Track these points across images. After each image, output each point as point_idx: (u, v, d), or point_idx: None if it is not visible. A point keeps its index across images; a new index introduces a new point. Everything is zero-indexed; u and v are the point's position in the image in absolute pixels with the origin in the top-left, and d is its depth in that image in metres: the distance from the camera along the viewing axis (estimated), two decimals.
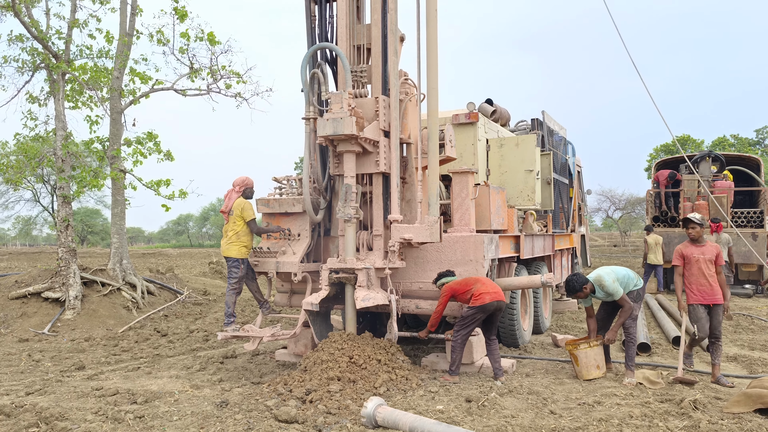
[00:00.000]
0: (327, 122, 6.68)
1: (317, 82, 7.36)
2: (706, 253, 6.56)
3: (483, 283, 6.67)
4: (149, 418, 5.37)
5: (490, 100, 10.80)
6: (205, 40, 13.34)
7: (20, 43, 12.54)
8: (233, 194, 7.51)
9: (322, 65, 7.43)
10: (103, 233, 61.00)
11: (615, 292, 6.55)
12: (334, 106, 6.73)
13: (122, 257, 12.87)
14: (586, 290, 6.62)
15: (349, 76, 7.02)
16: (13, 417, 5.33)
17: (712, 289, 6.51)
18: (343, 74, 7.27)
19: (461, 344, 6.60)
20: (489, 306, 6.49)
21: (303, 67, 7.35)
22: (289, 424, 5.07)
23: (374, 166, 7.08)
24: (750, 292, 14.49)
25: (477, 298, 6.52)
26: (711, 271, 6.53)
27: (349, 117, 6.57)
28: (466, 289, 6.66)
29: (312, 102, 7.33)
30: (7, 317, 10.91)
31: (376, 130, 7.01)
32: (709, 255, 6.54)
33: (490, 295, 6.52)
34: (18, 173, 13.00)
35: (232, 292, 7.39)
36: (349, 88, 6.95)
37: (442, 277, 6.95)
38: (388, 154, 7.07)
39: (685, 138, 44.59)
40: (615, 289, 6.55)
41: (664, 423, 4.93)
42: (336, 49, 7.20)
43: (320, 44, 7.38)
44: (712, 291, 6.51)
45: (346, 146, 6.88)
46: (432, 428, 4.60)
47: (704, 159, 15.91)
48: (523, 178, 9.51)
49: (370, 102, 7.18)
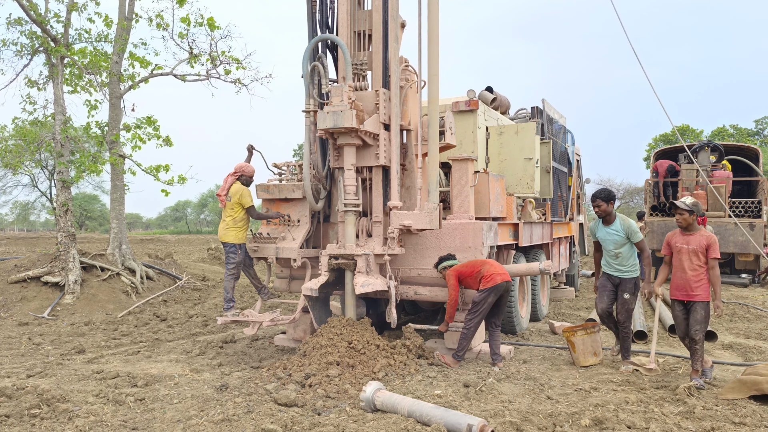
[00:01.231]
0: (327, 115, 6.66)
1: (318, 75, 7.33)
2: (691, 243, 5.88)
3: (491, 264, 6.67)
4: (150, 400, 5.43)
5: (490, 87, 10.78)
6: (204, 25, 13.28)
7: (19, 27, 12.45)
8: (230, 178, 7.53)
9: (323, 57, 7.38)
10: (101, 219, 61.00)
11: (636, 232, 6.34)
12: (334, 98, 6.71)
13: (121, 242, 12.89)
14: (612, 204, 6.47)
15: (349, 68, 6.99)
16: (14, 399, 5.37)
17: (687, 283, 5.85)
18: (344, 62, 7.27)
19: (473, 331, 6.59)
20: (500, 287, 6.48)
21: (305, 59, 7.31)
22: (288, 407, 5.12)
23: (374, 159, 7.08)
24: (746, 282, 14.58)
25: (488, 279, 6.50)
26: (693, 264, 5.83)
27: (349, 110, 6.55)
28: (474, 271, 6.64)
29: (312, 95, 7.29)
30: (6, 301, 10.94)
31: (377, 123, 6.99)
32: (694, 246, 5.85)
33: (501, 275, 6.53)
34: (16, 158, 12.99)
35: (230, 278, 7.42)
36: (350, 80, 6.92)
37: (443, 261, 6.97)
38: (388, 146, 7.07)
39: (684, 128, 44.54)
40: (636, 229, 6.36)
41: (660, 409, 4.99)
42: (337, 40, 7.16)
43: (322, 35, 7.32)
44: (687, 286, 5.85)
45: (346, 139, 6.87)
46: (430, 412, 4.65)
47: (703, 149, 15.91)
48: (523, 166, 9.52)
49: (371, 95, 7.15)
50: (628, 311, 6.48)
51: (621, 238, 6.41)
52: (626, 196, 49.82)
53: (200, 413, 5.03)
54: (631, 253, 6.44)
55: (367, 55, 7.51)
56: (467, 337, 6.58)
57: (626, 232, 6.39)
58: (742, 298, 12.25)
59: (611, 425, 4.61)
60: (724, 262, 15.88)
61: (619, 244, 6.42)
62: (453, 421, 4.47)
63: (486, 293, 6.50)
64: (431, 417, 4.60)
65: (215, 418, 4.84)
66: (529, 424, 4.67)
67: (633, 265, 6.48)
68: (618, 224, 6.42)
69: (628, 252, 6.45)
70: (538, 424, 4.66)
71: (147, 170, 12.80)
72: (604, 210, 6.47)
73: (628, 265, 6.46)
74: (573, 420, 4.76)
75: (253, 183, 7.72)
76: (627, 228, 6.39)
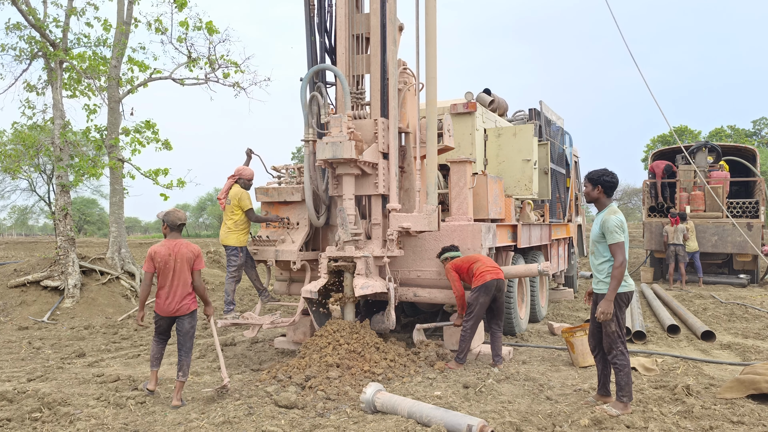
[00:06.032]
0: (326, 146, 6.69)
1: (316, 104, 7.34)
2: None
3: (482, 261, 6.72)
4: (151, 403, 5.44)
5: (488, 89, 10.83)
6: (203, 29, 13.32)
7: (18, 32, 12.50)
8: (229, 181, 7.57)
9: (321, 87, 7.38)
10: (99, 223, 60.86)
11: (612, 232, 4.89)
12: (333, 129, 6.73)
13: (121, 246, 12.90)
14: (599, 191, 5.10)
15: (348, 97, 7.01)
16: (16, 402, 5.38)
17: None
18: (343, 60, 7.31)
19: (471, 333, 6.62)
20: (490, 285, 6.51)
21: (303, 88, 7.32)
22: (289, 409, 5.14)
23: (373, 187, 7.11)
24: (745, 282, 14.62)
25: (477, 277, 6.57)
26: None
27: (348, 141, 6.58)
28: (467, 266, 6.72)
29: (311, 124, 7.32)
30: (6, 305, 10.95)
31: (375, 152, 7.02)
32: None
33: (490, 272, 6.56)
34: (15, 162, 13.00)
35: (231, 280, 7.43)
36: (348, 109, 6.95)
37: (446, 252, 7.04)
38: (387, 174, 7.09)
39: (682, 129, 44.65)
40: (615, 229, 4.89)
41: (659, 408, 5.01)
42: (336, 70, 7.17)
43: (319, 65, 7.30)
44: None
45: (345, 169, 6.90)
46: (430, 413, 4.67)
47: (700, 149, 15.95)
48: (521, 167, 9.55)
49: (369, 124, 7.17)
50: (609, 336, 5.02)
51: (597, 233, 5.07)
52: (624, 197, 49.90)
53: (201, 416, 5.04)
54: (606, 257, 5.03)
55: (365, 58, 7.54)
56: (466, 338, 6.61)
57: (602, 227, 5.00)
58: (740, 298, 12.28)
59: (610, 425, 4.63)
60: (723, 262, 15.93)
61: (594, 241, 5.12)
62: (453, 421, 4.49)
63: (477, 292, 6.55)
64: (431, 418, 4.62)
65: (216, 420, 4.85)
66: (528, 424, 4.69)
67: (608, 276, 5.02)
68: (601, 215, 5.10)
69: (602, 253, 5.06)
70: (538, 425, 4.69)
71: (146, 174, 12.81)
72: (588, 194, 5.21)
73: (601, 271, 5.06)
74: (572, 420, 4.78)
75: (253, 186, 7.75)
76: (604, 222, 4.97)
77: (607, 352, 5.10)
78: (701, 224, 14.93)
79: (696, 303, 11.45)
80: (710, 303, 11.45)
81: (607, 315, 4.90)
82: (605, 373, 5.30)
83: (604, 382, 5.30)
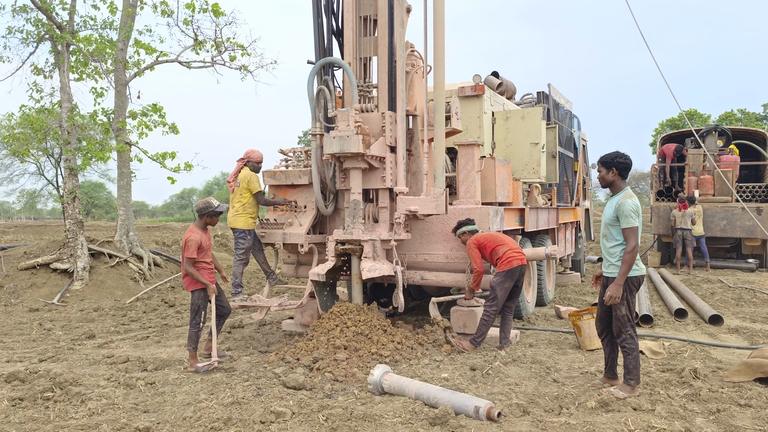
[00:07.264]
0: (333, 140, 6.65)
1: (324, 98, 7.29)
2: None
3: (508, 245, 6.64)
4: (160, 384, 5.50)
5: (496, 72, 10.73)
6: (209, 12, 13.25)
7: (24, 14, 12.48)
8: (239, 163, 7.56)
9: (328, 80, 7.31)
10: (107, 207, 61.13)
11: (628, 216, 4.87)
12: (340, 123, 6.68)
13: (129, 229, 12.97)
14: (613, 173, 5.07)
15: (355, 90, 6.95)
16: (28, 382, 5.46)
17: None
18: (350, 42, 7.25)
19: (493, 318, 6.57)
20: (515, 270, 6.48)
21: (310, 82, 7.26)
22: (297, 390, 5.18)
23: (380, 181, 7.08)
24: (753, 267, 14.55)
25: (504, 261, 6.50)
26: None
27: (355, 135, 6.53)
28: (492, 247, 6.63)
29: (318, 118, 7.28)
30: (17, 287, 11.06)
31: (383, 146, 6.98)
32: None
33: (517, 258, 6.52)
34: (24, 146, 13.04)
35: (239, 263, 7.46)
36: (356, 103, 6.90)
37: (462, 226, 6.96)
38: (395, 168, 7.06)
39: (692, 112, 44.18)
40: (630, 213, 4.88)
41: (666, 391, 5.02)
42: (343, 63, 7.11)
43: (327, 59, 7.23)
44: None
45: (353, 163, 6.88)
46: (437, 395, 4.70)
47: (710, 133, 15.81)
48: (529, 151, 9.50)
49: (377, 117, 7.13)
50: (618, 319, 5.04)
51: (610, 216, 5.06)
52: (632, 182, 49.65)
53: (210, 396, 5.09)
54: (619, 241, 5.04)
55: (373, 41, 7.49)
56: (487, 323, 6.56)
57: (617, 211, 4.99)
58: (748, 282, 12.24)
59: (617, 407, 4.64)
60: (731, 247, 15.86)
61: (607, 224, 5.12)
62: (460, 403, 4.52)
63: (502, 278, 6.48)
64: (438, 399, 4.65)
65: (225, 401, 4.90)
66: (535, 406, 4.72)
67: (619, 259, 5.04)
68: (616, 198, 5.08)
69: (615, 236, 5.06)
70: (545, 407, 4.71)
71: (153, 157, 12.84)
72: (603, 178, 5.18)
73: (613, 254, 5.07)
74: (579, 402, 4.80)
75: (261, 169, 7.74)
76: (620, 206, 4.96)
77: (616, 335, 5.10)
78: (710, 208, 14.83)
79: (704, 287, 11.42)
80: (718, 287, 11.43)
81: (615, 299, 4.91)
82: (612, 356, 5.32)
83: (611, 365, 5.33)
